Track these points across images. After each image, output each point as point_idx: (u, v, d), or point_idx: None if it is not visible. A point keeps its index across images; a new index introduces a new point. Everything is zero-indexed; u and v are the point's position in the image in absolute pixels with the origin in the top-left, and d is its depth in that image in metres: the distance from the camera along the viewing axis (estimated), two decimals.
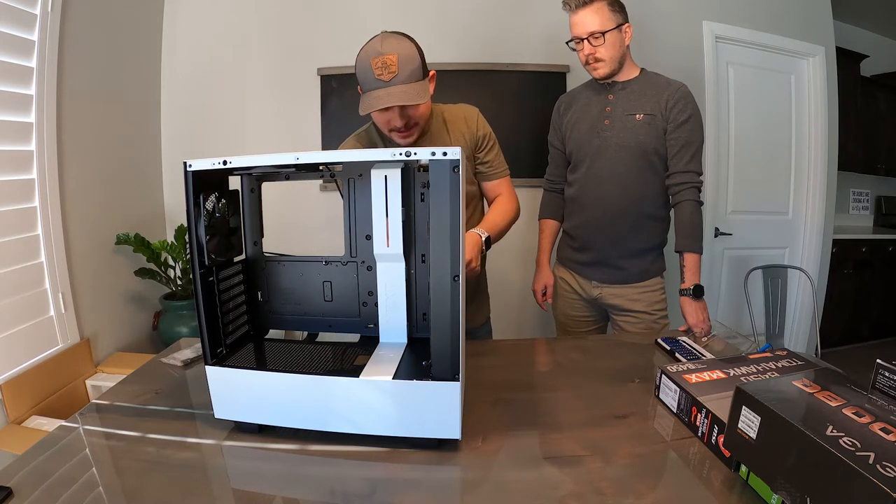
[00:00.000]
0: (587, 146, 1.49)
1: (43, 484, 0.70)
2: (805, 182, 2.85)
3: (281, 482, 0.73)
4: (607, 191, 1.47)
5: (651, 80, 1.45)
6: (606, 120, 1.46)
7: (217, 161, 0.77)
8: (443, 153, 0.70)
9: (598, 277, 1.56)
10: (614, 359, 1.23)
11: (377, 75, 1.07)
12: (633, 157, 1.43)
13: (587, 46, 1.39)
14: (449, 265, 0.72)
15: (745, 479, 0.68)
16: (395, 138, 1.20)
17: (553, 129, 1.64)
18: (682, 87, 1.41)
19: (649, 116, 1.40)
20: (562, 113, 1.60)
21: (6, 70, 1.55)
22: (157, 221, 2.39)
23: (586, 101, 1.53)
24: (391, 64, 1.07)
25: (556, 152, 1.65)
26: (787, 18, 2.67)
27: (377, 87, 1.09)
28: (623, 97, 1.45)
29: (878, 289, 3.45)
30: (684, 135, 1.39)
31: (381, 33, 1.12)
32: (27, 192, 1.65)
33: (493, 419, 0.89)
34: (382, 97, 1.08)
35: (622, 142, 1.43)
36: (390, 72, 1.07)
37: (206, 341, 0.81)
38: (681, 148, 1.39)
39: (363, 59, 1.10)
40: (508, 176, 1.38)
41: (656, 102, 1.40)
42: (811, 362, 0.95)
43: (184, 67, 2.39)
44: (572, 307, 1.66)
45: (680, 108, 1.38)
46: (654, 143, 1.41)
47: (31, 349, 1.65)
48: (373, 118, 1.20)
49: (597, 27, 1.36)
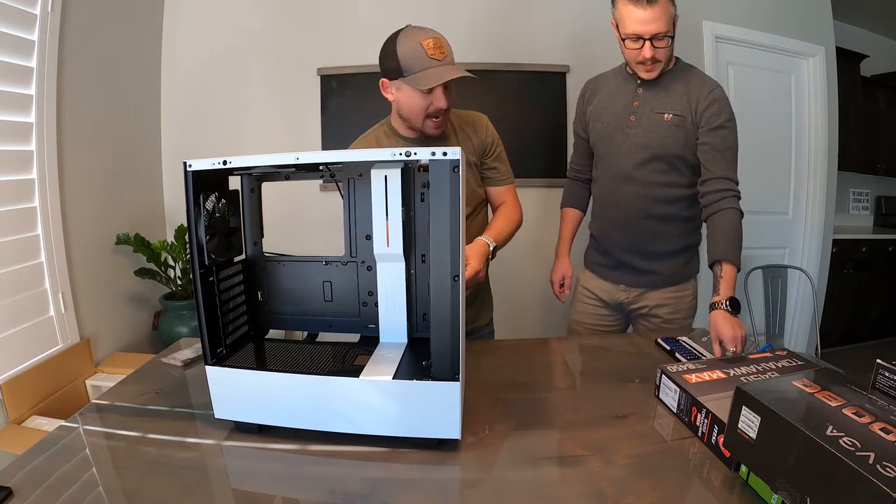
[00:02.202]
0: (609, 141, 1.40)
1: (43, 484, 0.70)
2: (805, 182, 2.85)
3: (281, 482, 0.73)
4: (628, 191, 1.38)
5: (685, 74, 1.34)
6: (632, 116, 1.35)
7: (217, 161, 0.77)
8: (443, 153, 0.70)
9: (626, 281, 1.47)
10: (614, 359, 1.23)
11: (431, 55, 1.10)
12: (657, 159, 1.34)
13: (648, 48, 1.24)
14: (449, 265, 0.72)
15: (745, 479, 0.68)
16: (428, 127, 1.20)
17: (577, 117, 1.53)
18: (716, 89, 1.30)
19: (679, 118, 1.30)
20: (587, 100, 1.49)
21: (6, 70, 1.55)
22: (157, 221, 2.39)
23: (614, 91, 1.41)
24: (442, 45, 1.12)
25: (580, 141, 1.54)
26: (787, 18, 2.67)
27: (434, 66, 1.10)
28: (652, 93, 1.34)
29: (878, 289, 3.45)
30: (719, 140, 1.28)
31: (407, 26, 1.15)
32: (27, 192, 1.65)
33: (493, 419, 0.89)
34: (449, 71, 1.10)
35: (647, 142, 1.34)
36: (442, 52, 1.11)
37: (206, 341, 0.81)
38: (716, 153, 1.28)
39: (411, 43, 1.11)
40: (514, 184, 1.39)
41: (687, 103, 1.30)
42: (811, 362, 0.95)
43: (184, 67, 2.39)
44: (591, 315, 1.56)
45: (714, 111, 1.28)
46: (682, 145, 1.31)
47: (31, 349, 1.65)
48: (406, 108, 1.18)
49: (663, 27, 1.22)
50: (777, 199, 2.83)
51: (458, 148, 0.70)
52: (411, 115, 1.19)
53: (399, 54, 1.11)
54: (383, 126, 1.31)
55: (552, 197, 2.44)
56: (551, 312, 2.56)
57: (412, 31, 1.13)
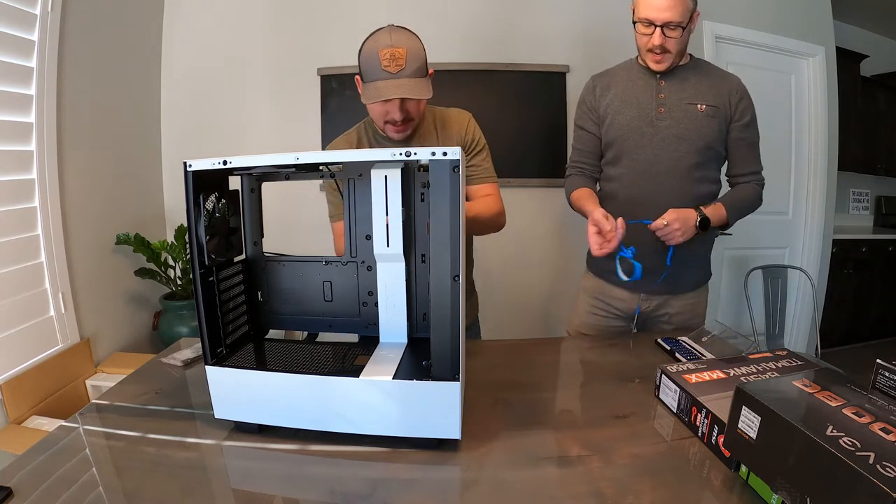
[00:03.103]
0: (636, 134, 1.32)
1: (43, 484, 0.70)
2: (805, 182, 2.85)
3: (281, 482, 0.73)
4: (662, 187, 1.30)
5: (704, 68, 1.33)
6: (661, 108, 1.30)
7: (217, 161, 0.77)
8: (443, 153, 0.70)
9: (649, 290, 1.37)
10: (614, 359, 1.23)
11: (384, 66, 1.09)
12: (693, 151, 1.29)
13: (658, 35, 1.21)
14: (449, 265, 0.72)
15: (745, 479, 0.68)
16: (389, 131, 1.21)
17: (586, 112, 1.42)
18: (740, 83, 1.30)
19: (713, 108, 1.28)
20: (598, 95, 1.39)
21: (6, 70, 1.55)
22: (157, 221, 2.40)
23: (630, 84, 1.35)
24: (400, 57, 1.09)
25: (587, 136, 1.42)
26: (787, 18, 2.67)
27: (384, 78, 1.10)
28: (677, 84, 1.30)
29: (878, 289, 3.45)
30: (749, 135, 1.31)
31: (388, 26, 1.13)
32: (27, 192, 1.65)
33: (493, 419, 0.89)
34: (390, 88, 1.10)
35: (682, 133, 1.28)
36: (398, 65, 1.09)
37: (206, 341, 0.81)
38: (748, 148, 1.31)
39: (371, 49, 1.10)
40: (496, 184, 1.33)
41: (717, 95, 1.28)
42: (811, 362, 0.95)
43: (184, 67, 2.39)
44: (597, 327, 1.47)
45: (744, 105, 1.29)
46: (717, 137, 1.29)
47: (31, 349, 1.65)
48: (369, 109, 1.20)
49: (677, 17, 1.19)
50: (777, 199, 2.83)
51: (457, 148, 0.70)
52: (374, 118, 1.21)
53: (361, 58, 1.13)
54: (364, 121, 1.32)
55: (552, 196, 2.45)
56: (551, 313, 2.56)
57: (378, 37, 1.12)
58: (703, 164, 1.31)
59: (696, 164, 1.30)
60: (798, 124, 2.80)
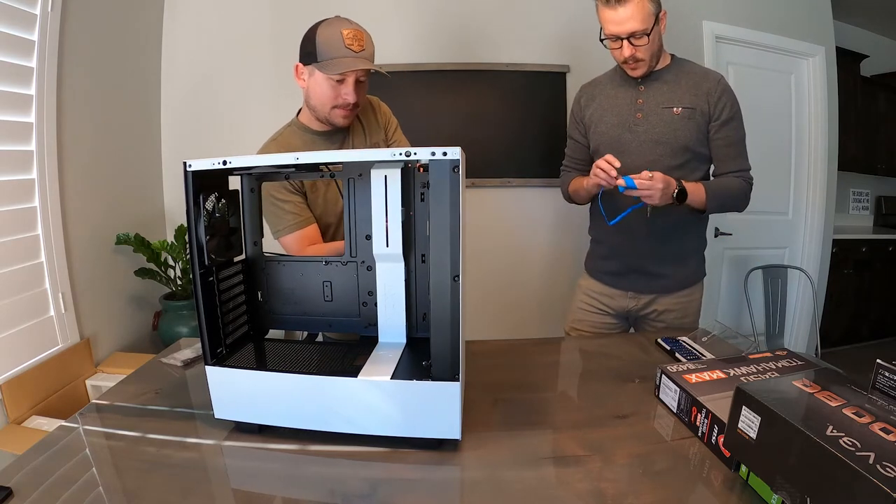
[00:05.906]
0: (615, 142, 1.36)
1: (43, 484, 0.70)
2: (805, 182, 2.85)
3: (281, 482, 0.73)
4: None
5: (685, 69, 1.34)
6: (639, 113, 1.34)
7: (217, 161, 0.77)
8: (443, 153, 0.70)
9: (636, 287, 1.43)
10: (614, 359, 1.23)
11: (348, 45, 1.11)
12: (671, 154, 1.32)
13: (627, 47, 1.25)
14: (449, 265, 0.72)
15: (745, 479, 0.68)
16: (336, 116, 1.19)
17: (573, 122, 1.50)
18: (721, 80, 1.31)
19: (689, 110, 1.30)
20: (583, 105, 1.45)
21: (6, 70, 1.55)
22: (157, 221, 2.39)
23: (612, 93, 1.40)
24: (361, 38, 1.13)
25: (576, 146, 1.50)
26: (787, 18, 2.67)
27: (348, 56, 1.11)
28: (656, 88, 1.33)
29: (878, 289, 3.45)
30: (731, 133, 1.31)
31: (336, 17, 1.16)
32: (27, 192, 1.65)
33: (493, 419, 0.89)
34: (360, 63, 1.11)
35: (658, 137, 1.32)
36: (360, 45, 1.12)
37: (206, 341, 0.81)
38: (730, 147, 1.31)
39: (331, 31, 1.12)
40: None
41: (695, 95, 1.30)
42: (811, 362, 0.95)
43: (184, 67, 2.39)
44: (592, 324, 1.52)
45: (724, 103, 1.29)
46: (695, 138, 1.31)
47: (31, 349, 1.65)
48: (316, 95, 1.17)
49: (639, 26, 1.21)
50: (777, 199, 2.83)
51: (457, 148, 0.70)
52: (318, 104, 1.18)
53: (317, 40, 1.13)
54: (290, 126, 1.27)
55: (552, 196, 2.44)
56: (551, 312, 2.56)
57: (336, 21, 1.14)
58: (684, 166, 1.33)
59: (676, 166, 1.32)
60: (798, 124, 2.80)
